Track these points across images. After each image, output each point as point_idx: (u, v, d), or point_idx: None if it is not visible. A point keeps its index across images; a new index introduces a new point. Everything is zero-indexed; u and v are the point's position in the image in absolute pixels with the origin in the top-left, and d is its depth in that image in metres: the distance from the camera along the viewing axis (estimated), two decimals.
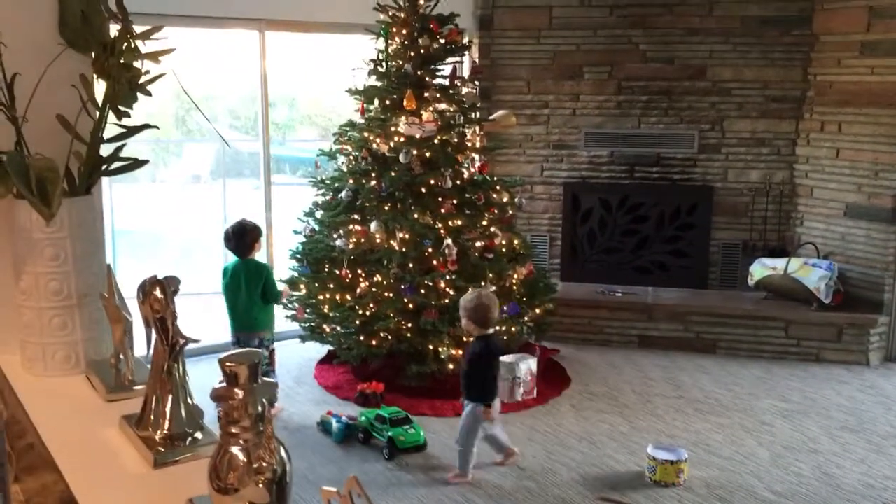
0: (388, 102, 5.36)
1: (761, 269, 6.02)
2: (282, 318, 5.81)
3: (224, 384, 0.94)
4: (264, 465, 0.93)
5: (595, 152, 6.54)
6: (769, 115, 6.23)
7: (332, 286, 5.23)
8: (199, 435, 1.23)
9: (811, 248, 6.01)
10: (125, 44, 1.38)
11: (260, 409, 0.94)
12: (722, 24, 6.19)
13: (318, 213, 5.55)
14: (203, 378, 4.64)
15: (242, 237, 4.76)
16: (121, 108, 1.49)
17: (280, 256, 5.98)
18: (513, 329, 5.26)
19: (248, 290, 4.73)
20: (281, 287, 5.07)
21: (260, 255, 6.05)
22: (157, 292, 1.18)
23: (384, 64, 5.41)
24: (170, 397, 1.21)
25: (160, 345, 1.20)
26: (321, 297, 5.24)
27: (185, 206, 10.38)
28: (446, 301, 5.00)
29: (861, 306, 5.83)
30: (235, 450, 0.94)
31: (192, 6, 5.34)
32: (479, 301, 4.17)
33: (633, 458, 4.31)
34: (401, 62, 5.33)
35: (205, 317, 6.05)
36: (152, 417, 1.22)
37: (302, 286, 5.40)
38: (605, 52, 6.40)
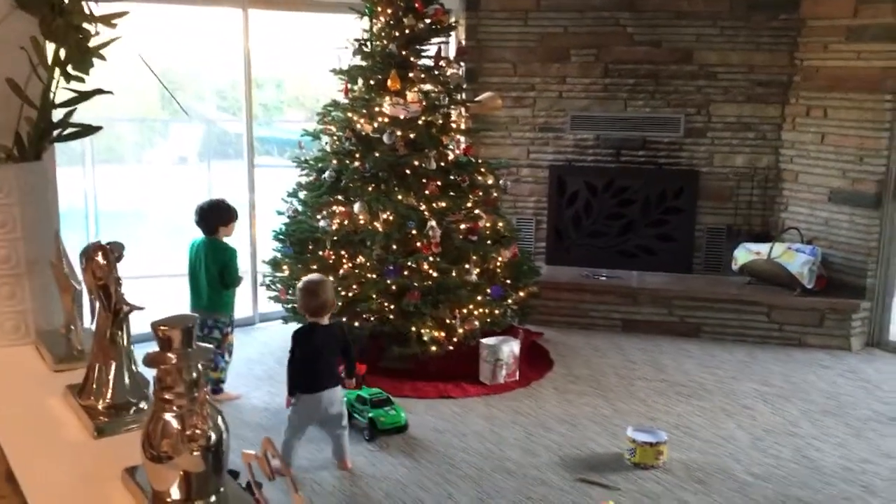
0: (372, 83, 5.31)
1: (745, 253, 6.01)
2: (265, 300, 5.78)
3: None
4: (198, 432, 0.90)
5: (581, 135, 6.50)
6: (755, 100, 6.20)
7: (315, 267, 5.19)
8: (143, 405, 1.20)
9: (795, 233, 6.00)
10: (72, 4, 1.34)
11: (195, 374, 0.92)
12: (710, 7, 6.14)
13: (302, 194, 5.51)
14: None
15: (208, 214, 4.68)
16: (74, 72, 1.44)
17: (263, 237, 5.94)
18: (496, 311, 5.24)
19: (207, 270, 4.66)
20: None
21: (242, 236, 6.02)
22: (100, 258, 1.14)
23: (369, 44, 5.36)
24: (113, 366, 1.18)
25: (103, 312, 1.16)
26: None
27: (171, 187, 10.32)
28: (429, 283, 4.98)
29: (844, 291, 5.83)
30: (169, 416, 0.91)
31: None
32: (301, 287, 4.00)
33: (614, 440, 4.30)
34: (385, 42, 5.28)
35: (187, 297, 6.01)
36: (95, 386, 1.19)
37: (285, 267, 5.36)
38: (592, 35, 6.35)
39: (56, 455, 1.12)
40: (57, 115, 1.50)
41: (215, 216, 4.69)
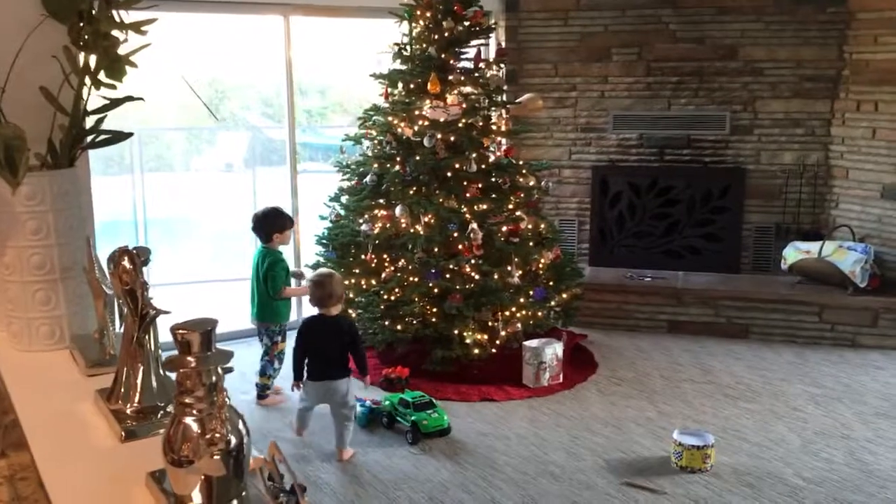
0: (412, 86, 5.31)
1: (795, 252, 5.88)
2: (308, 304, 5.80)
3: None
4: (217, 436, 0.90)
5: (624, 135, 6.43)
6: (803, 95, 6.07)
7: (357, 271, 5.21)
8: (171, 408, 1.20)
9: (846, 231, 5.86)
10: (101, 12, 1.35)
11: (214, 378, 0.91)
12: (754, 2, 6.02)
13: (344, 199, 5.53)
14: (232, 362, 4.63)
15: (262, 222, 4.74)
16: (106, 80, 1.46)
17: (307, 242, 5.98)
18: (539, 314, 5.20)
19: (258, 278, 4.72)
20: (298, 285, 4.94)
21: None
22: (126, 262, 1.15)
23: (408, 47, 5.37)
24: (140, 370, 1.18)
25: (130, 316, 1.17)
26: (347, 283, 5.22)
27: (218, 193, 10.46)
28: (471, 286, 4.96)
29: None
30: (189, 420, 0.91)
31: None
32: (310, 278, 4.30)
33: (660, 443, 4.24)
34: (425, 45, 5.27)
35: (233, 303, 6.07)
36: (123, 390, 1.19)
37: None
38: (633, 33, 6.28)
39: (83, 459, 1.12)
40: (90, 123, 1.52)
41: (269, 224, 4.74)
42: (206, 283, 7.36)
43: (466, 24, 5.29)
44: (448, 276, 4.98)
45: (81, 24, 1.37)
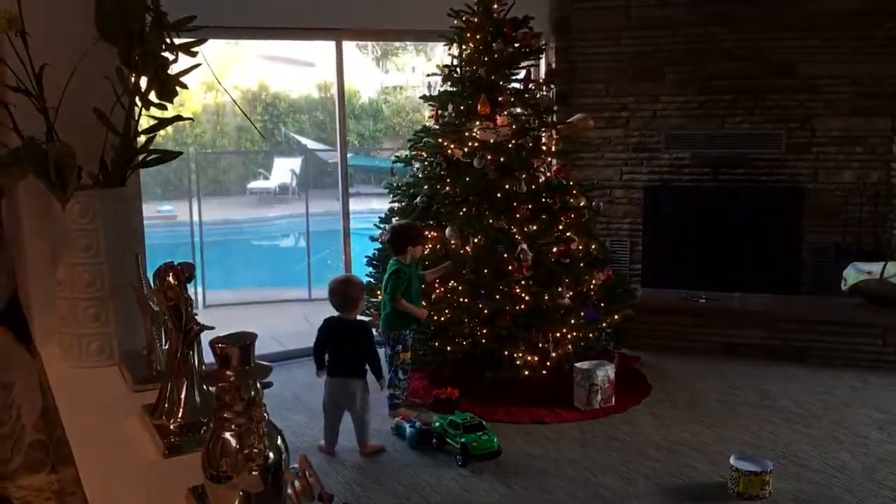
0: (462, 108, 5.33)
1: (856, 273, 5.72)
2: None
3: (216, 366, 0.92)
4: (255, 451, 0.90)
5: (676, 154, 6.36)
6: (862, 112, 5.93)
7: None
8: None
9: None
10: (152, 33, 1.38)
11: (253, 392, 0.91)
12: (810, 19, 5.94)
13: (394, 220, 5.56)
14: (283, 383, 4.69)
15: (400, 233, 4.90)
16: (157, 100, 1.49)
17: (358, 262, 6.03)
18: (590, 335, 5.14)
19: (384, 288, 4.86)
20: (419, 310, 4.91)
21: (336, 261, 6.14)
22: (171, 278, 1.16)
23: (458, 69, 5.39)
24: (184, 385, 1.19)
25: (174, 332, 1.18)
26: None
27: (272, 216, 10.65)
28: (521, 307, 4.93)
29: None
30: (227, 435, 0.91)
31: (270, 18, 5.43)
32: (328, 285, 4.51)
33: (716, 468, 4.13)
34: (474, 67, 5.30)
35: (290, 322, 6.16)
36: (167, 405, 1.20)
37: (378, 292, 5.41)
38: (686, 52, 6.23)
39: (127, 474, 1.13)
40: (142, 142, 1.55)
41: (407, 235, 4.88)
42: (261, 304, 7.46)
43: (516, 45, 5.30)
44: (498, 297, 4.96)
45: (132, 46, 1.40)
